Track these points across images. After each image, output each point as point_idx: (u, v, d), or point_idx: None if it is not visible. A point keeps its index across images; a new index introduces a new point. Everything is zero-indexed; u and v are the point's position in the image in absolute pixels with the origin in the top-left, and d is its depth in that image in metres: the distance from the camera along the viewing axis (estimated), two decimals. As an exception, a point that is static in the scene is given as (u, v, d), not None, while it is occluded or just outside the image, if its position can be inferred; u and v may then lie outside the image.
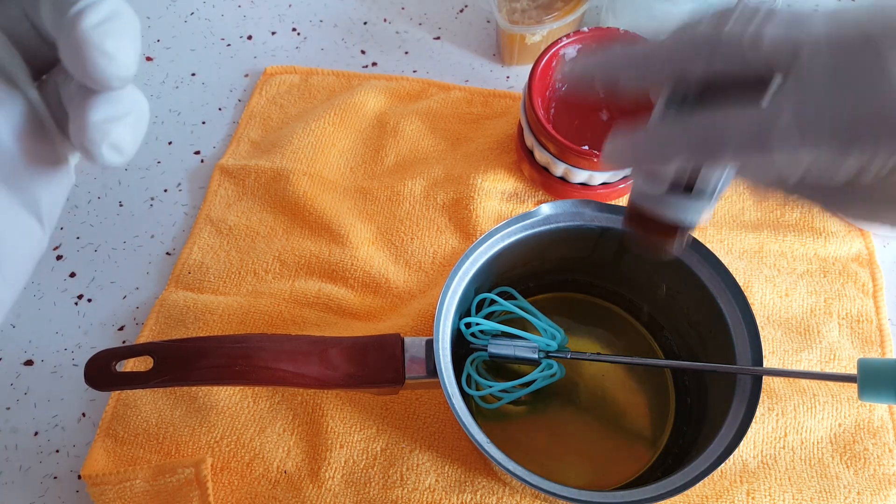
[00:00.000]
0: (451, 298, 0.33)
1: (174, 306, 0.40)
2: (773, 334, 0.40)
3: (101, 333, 0.41)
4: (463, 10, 0.54)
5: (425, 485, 0.35)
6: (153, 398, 0.38)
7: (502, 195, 0.44)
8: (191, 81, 0.51)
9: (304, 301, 0.41)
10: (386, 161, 0.46)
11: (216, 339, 0.31)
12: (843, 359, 0.39)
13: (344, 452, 0.36)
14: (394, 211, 0.44)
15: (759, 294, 0.41)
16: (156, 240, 0.44)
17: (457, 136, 0.47)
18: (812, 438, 0.36)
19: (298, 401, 0.38)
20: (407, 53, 0.52)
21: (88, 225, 0.45)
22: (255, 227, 0.44)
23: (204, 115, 0.49)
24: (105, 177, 0.47)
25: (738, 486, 0.35)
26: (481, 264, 0.34)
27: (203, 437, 0.36)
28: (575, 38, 0.41)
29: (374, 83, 0.49)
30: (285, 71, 0.50)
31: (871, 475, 0.36)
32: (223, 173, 0.46)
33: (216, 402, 0.37)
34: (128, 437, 0.37)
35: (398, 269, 0.42)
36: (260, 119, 0.48)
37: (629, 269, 0.38)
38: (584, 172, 0.40)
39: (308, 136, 0.46)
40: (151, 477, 0.35)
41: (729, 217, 0.44)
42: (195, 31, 0.53)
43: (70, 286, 0.42)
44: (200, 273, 0.42)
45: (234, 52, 0.52)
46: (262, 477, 0.36)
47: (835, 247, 0.42)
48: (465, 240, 0.43)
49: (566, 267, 0.39)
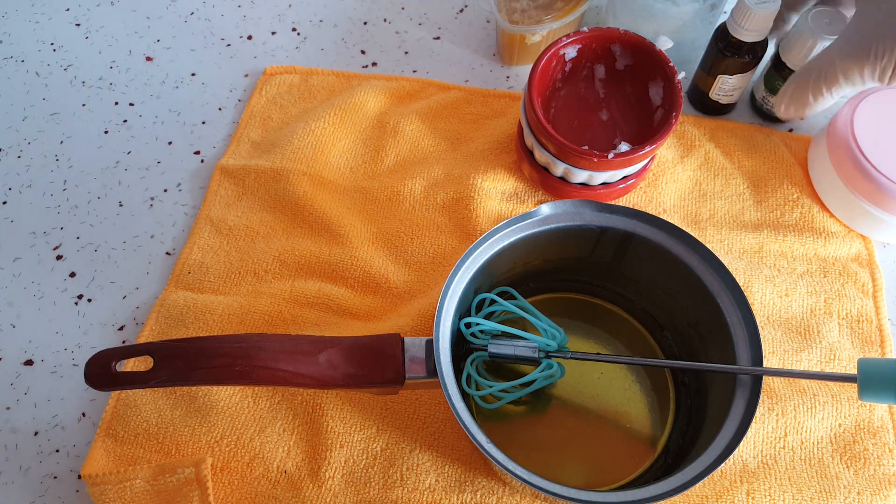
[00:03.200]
0: (451, 298, 0.33)
1: (174, 306, 0.40)
2: (773, 334, 0.40)
3: (101, 333, 0.41)
4: (463, 10, 0.54)
5: (425, 485, 0.35)
6: (153, 398, 0.38)
7: (502, 195, 0.44)
8: (191, 81, 0.51)
9: (303, 301, 0.41)
10: (386, 161, 0.46)
11: (216, 339, 0.31)
12: (843, 359, 0.39)
13: (344, 452, 0.36)
14: (394, 211, 0.44)
15: (759, 294, 0.41)
16: (156, 240, 0.44)
17: (457, 136, 0.47)
18: (812, 438, 0.36)
19: (298, 401, 0.38)
20: (407, 53, 0.52)
21: (88, 225, 0.45)
22: (255, 227, 0.44)
23: (204, 115, 0.49)
24: (105, 177, 0.47)
25: (738, 486, 0.35)
26: (481, 264, 0.34)
27: (203, 437, 0.36)
28: (575, 38, 0.41)
29: (374, 83, 0.49)
30: (285, 71, 0.50)
31: (871, 475, 0.36)
32: (223, 173, 0.46)
33: (216, 402, 0.37)
34: (128, 436, 0.37)
35: (398, 268, 0.42)
36: (260, 119, 0.48)
37: (629, 269, 0.38)
38: (584, 172, 0.40)
39: (308, 136, 0.46)
40: (151, 477, 0.35)
41: (729, 217, 0.44)
42: (195, 31, 0.53)
43: (70, 286, 0.42)
44: (200, 273, 0.42)
45: (234, 52, 0.52)
46: (262, 477, 0.36)
47: (835, 247, 0.42)
48: (465, 240, 0.43)
49: (566, 267, 0.39)
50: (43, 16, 0.54)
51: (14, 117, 0.49)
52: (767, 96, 0.46)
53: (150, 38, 0.53)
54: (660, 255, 0.35)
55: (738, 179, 0.45)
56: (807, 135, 0.48)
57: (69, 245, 0.44)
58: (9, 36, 0.53)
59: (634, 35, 0.41)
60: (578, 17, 0.48)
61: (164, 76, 0.51)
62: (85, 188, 0.46)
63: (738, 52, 0.43)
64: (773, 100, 0.46)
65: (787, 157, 0.46)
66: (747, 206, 0.44)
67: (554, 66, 0.41)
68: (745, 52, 0.43)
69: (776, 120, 0.48)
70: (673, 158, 0.46)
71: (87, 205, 0.45)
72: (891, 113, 0.42)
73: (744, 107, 0.49)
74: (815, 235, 0.43)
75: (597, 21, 0.52)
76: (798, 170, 0.45)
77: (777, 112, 0.42)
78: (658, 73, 0.41)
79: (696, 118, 0.48)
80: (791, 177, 0.45)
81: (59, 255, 0.44)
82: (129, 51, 0.52)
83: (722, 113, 0.48)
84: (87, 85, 0.51)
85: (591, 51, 0.41)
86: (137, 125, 0.49)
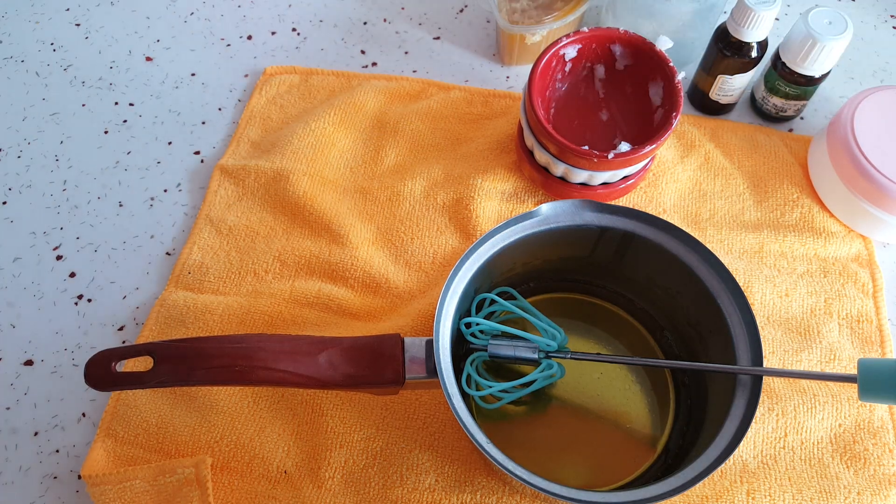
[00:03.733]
0: (451, 298, 0.33)
1: (174, 306, 0.40)
2: (774, 334, 0.40)
3: (101, 333, 0.41)
4: (463, 10, 0.54)
5: (425, 484, 0.35)
6: (153, 398, 0.38)
7: (502, 195, 0.44)
8: (191, 82, 0.51)
9: (304, 301, 0.41)
10: (386, 161, 0.46)
11: (216, 340, 0.31)
12: (844, 359, 0.39)
13: (344, 452, 0.36)
14: (394, 211, 0.44)
15: (760, 294, 0.41)
16: (156, 240, 0.44)
17: (457, 136, 0.47)
18: (812, 438, 0.36)
19: (298, 400, 0.38)
20: (407, 53, 0.52)
21: (88, 225, 0.45)
22: (254, 227, 0.44)
23: (204, 116, 0.49)
24: (105, 177, 0.47)
25: (739, 487, 0.35)
26: (481, 264, 0.34)
27: (203, 437, 0.36)
28: (575, 38, 0.41)
29: (373, 83, 0.49)
30: (285, 71, 0.50)
31: (871, 475, 0.36)
32: (223, 173, 0.46)
33: (216, 402, 0.37)
34: (128, 437, 0.37)
35: (398, 269, 0.42)
36: (260, 119, 0.48)
37: (629, 270, 0.38)
38: (584, 172, 0.40)
39: (308, 136, 0.46)
40: (151, 477, 0.35)
41: (729, 217, 0.44)
42: (195, 32, 0.53)
43: (70, 286, 0.42)
44: (200, 273, 0.42)
45: (234, 53, 0.52)
46: (261, 477, 0.36)
47: (835, 247, 0.42)
48: (465, 240, 0.43)
49: (566, 267, 0.39)
50: (43, 16, 0.54)
51: (14, 117, 0.49)
52: (768, 96, 0.46)
53: (149, 38, 0.53)
54: (659, 255, 0.35)
55: (738, 179, 0.45)
56: (807, 135, 0.48)
57: (69, 245, 0.44)
58: (9, 36, 0.53)
59: (634, 35, 0.41)
60: (578, 17, 0.48)
61: (163, 76, 0.51)
62: (85, 188, 0.46)
63: (738, 52, 0.43)
64: (773, 99, 0.46)
65: (788, 157, 0.46)
66: (747, 206, 0.44)
67: (554, 67, 0.41)
68: (746, 51, 0.43)
69: (776, 120, 0.48)
70: (673, 158, 0.46)
71: (87, 205, 0.45)
72: (891, 113, 0.42)
73: (744, 107, 0.49)
74: (816, 235, 0.43)
75: (597, 21, 0.52)
76: (798, 170, 0.45)
77: None
78: (658, 73, 0.40)
79: (697, 118, 0.48)
80: (791, 177, 0.45)
81: (59, 256, 0.44)
82: (129, 51, 0.52)
83: (722, 113, 0.48)
84: (87, 85, 0.51)
85: (590, 51, 0.41)
86: (137, 125, 0.49)
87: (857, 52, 0.52)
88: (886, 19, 0.54)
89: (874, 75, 0.51)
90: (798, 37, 0.42)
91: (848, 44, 0.42)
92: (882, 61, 0.52)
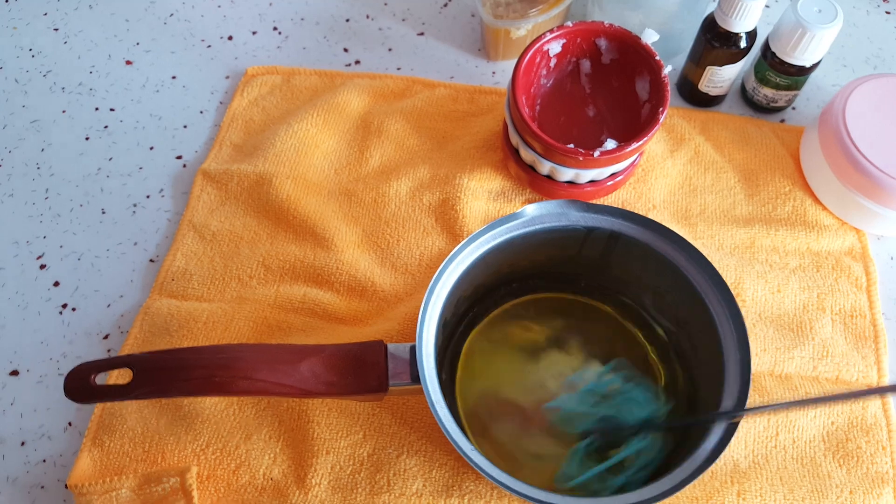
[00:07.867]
0: (434, 304, 0.33)
1: (158, 314, 0.40)
2: (765, 331, 0.39)
3: (87, 342, 0.41)
4: (447, 5, 0.53)
5: (412, 490, 0.35)
6: (139, 407, 0.38)
7: (489, 194, 0.44)
8: (171, 85, 0.50)
9: (289, 306, 0.40)
10: (371, 162, 0.46)
11: (195, 351, 0.30)
12: (836, 355, 0.38)
13: (330, 458, 0.36)
14: (379, 213, 0.43)
15: (751, 291, 0.40)
16: (139, 247, 0.44)
17: (443, 135, 0.46)
18: (804, 437, 0.36)
19: (284, 407, 0.37)
20: (390, 50, 0.51)
21: (71, 233, 0.44)
22: (238, 232, 0.43)
23: (185, 119, 0.48)
24: (87, 184, 0.46)
25: (729, 487, 0.35)
26: (466, 267, 0.34)
27: (189, 445, 0.36)
28: (559, 33, 0.40)
29: (357, 82, 0.48)
30: (267, 72, 0.50)
31: (864, 473, 0.35)
32: (206, 178, 0.45)
33: (201, 410, 0.37)
34: (114, 446, 0.37)
35: (384, 272, 0.41)
36: (242, 122, 0.48)
37: (617, 269, 0.37)
38: (571, 171, 0.39)
39: (291, 138, 0.45)
40: (137, 486, 0.35)
41: (720, 212, 0.43)
42: (175, 33, 0.52)
43: (54, 295, 0.42)
44: (184, 280, 0.42)
45: (215, 54, 0.51)
46: (248, 484, 0.35)
47: (828, 240, 0.42)
48: (452, 241, 0.42)
49: (553, 267, 0.38)
50: (20, 21, 0.53)
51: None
52: (758, 87, 0.45)
53: (129, 41, 0.52)
54: (647, 254, 0.34)
55: (728, 173, 0.44)
56: (799, 125, 0.47)
57: (52, 254, 0.44)
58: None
59: (620, 28, 0.40)
60: (564, 10, 0.47)
61: (144, 80, 0.50)
62: (67, 196, 0.46)
63: (727, 43, 0.42)
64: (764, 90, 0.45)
65: (779, 148, 0.45)
66: (738, 200, 0.43)
67: (538, 63, 0.40)
68: (734, 42, 0.42)
69: (767, 110, 0.47)
70: (662, 153, 0.45)
71: (70, 213, 0.45)
72: (883, 103, 0.41)
73: (734, 98, 0.48)
74: (808, 229, 0.42)
75: (583, 14, 0.51)
76: (790, 162, 0.45)
77: None
78: (644, 67, 0.40)
79: (686, 111, 0.47)
80: (783, 169, 0.44)
81: (43, 265, 0.43)
82: (109, 55, 0.51)
83: (712, 104, 0.48)
84: (67, 91, 0.50)
85: (575, 45, 0.41)
86: (118, 131, 0.48)
87: (849, 39, 0.51)
88: (879, 4, 0.53)
89: (867, 62, 0.50)
90: (787, 26, 0.41)
91: (839, 31, 0.41)
92: (875, 47, 0.50)
